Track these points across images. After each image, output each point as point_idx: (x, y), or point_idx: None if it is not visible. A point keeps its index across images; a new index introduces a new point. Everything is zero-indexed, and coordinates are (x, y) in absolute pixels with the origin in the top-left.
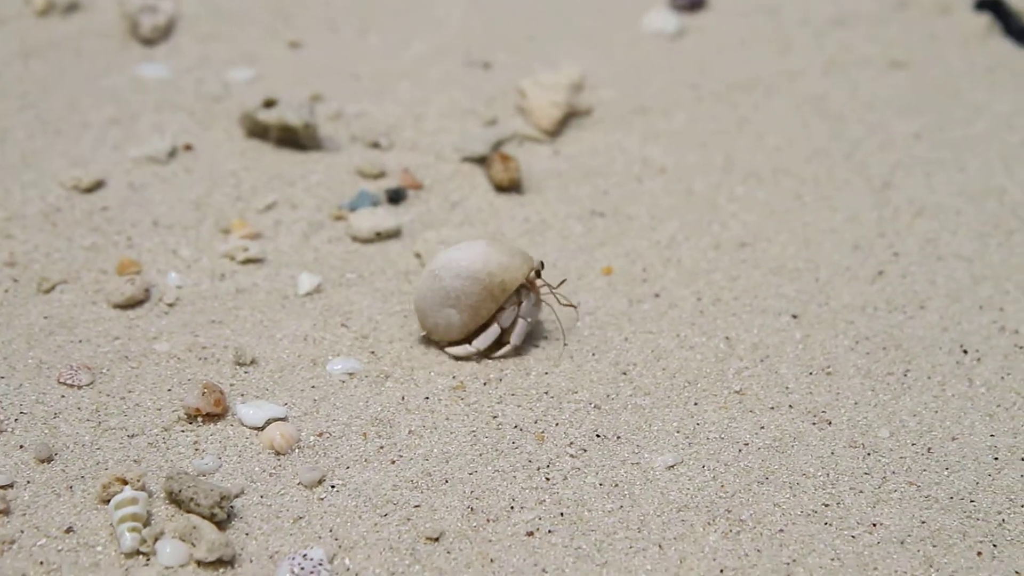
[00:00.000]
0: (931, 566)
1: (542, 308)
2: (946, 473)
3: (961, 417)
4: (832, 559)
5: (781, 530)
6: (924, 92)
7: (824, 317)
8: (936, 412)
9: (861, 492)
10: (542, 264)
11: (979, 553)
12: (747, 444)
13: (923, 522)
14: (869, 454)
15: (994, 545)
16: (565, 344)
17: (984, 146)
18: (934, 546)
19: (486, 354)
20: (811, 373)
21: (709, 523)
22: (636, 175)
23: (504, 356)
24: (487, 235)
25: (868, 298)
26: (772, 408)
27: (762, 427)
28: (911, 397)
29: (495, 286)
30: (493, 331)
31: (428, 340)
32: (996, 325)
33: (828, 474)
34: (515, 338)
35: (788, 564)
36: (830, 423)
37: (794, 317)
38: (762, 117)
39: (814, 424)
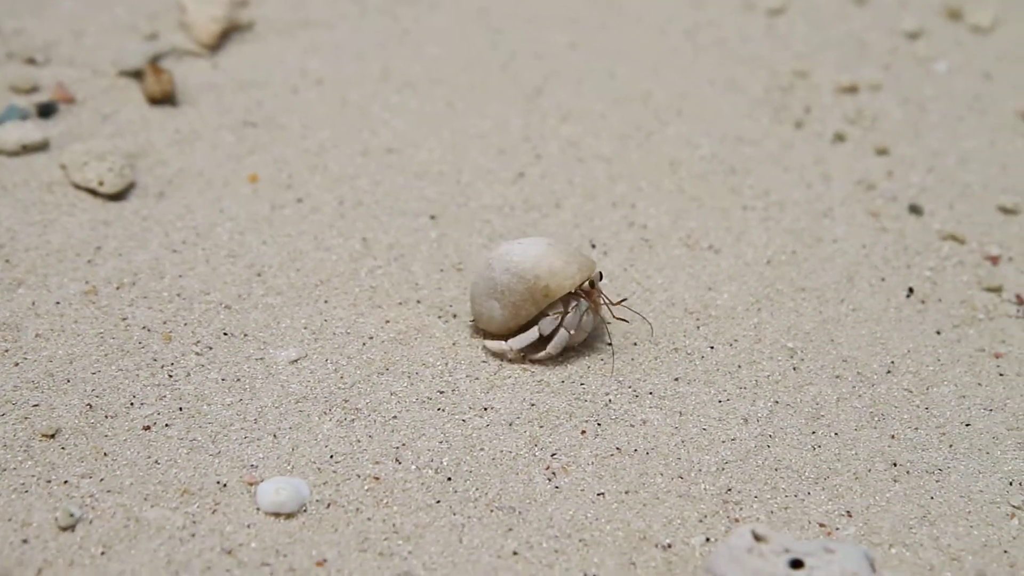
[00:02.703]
0: (536, 445)
1: (596, 321)
2: (560, 359)
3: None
4: (441, 442)
5: (395, 416)
6: (583, 4)
7: (462, 217)
8: None
9: (477, 379)
10: (600, 275)
11: (583, 432)
12: (372, 338)
13: (533, 404)
14: None
15: (599, 424)
16: (203, 249)
17: (636, 53)
18: (541, 426)
19: (525, 355)
20: (442, 270)
21: (325, 412)
22: (293, 86)
23: (540, 361)
24: (551, 235)
25: (507, 198)
26: (400, 303)
27: (388, 321)
28: None
29: (538, 290)
30: (531, 334)
31: (475, 327)
32: (626, 220)
33: (447, 363)
34: (551, 348)
35: (397, 448)
36: (455, 316)
37: (432, 218)
38: (423, 29)
39: (440, 317)
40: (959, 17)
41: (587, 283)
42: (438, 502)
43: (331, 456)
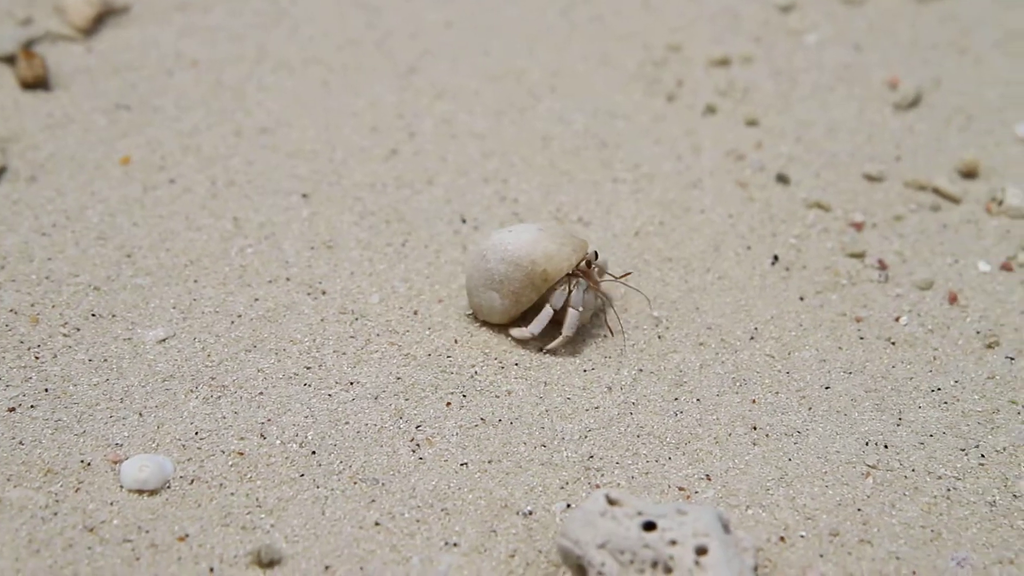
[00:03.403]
0: (401, 417)
1: (596, 299)
2: (428, 332)
3: (451, 281)
4: (306, 416)
5: (261, 393)
6: None
7: (334, 195)
8: (427, 277)
9: (344, 354)
10: (596, 254)
11: (448, 404)
12: (240, 316)
13: (399, 378)
14: (357, 319)
15: (464, 395)
16: (72, 232)
17: (513, 31)
18: (406, 399)
19: (542, 339)
20: (313, 248)
21: (192, 391)
22: (167, 69)
23: (556, 348)
24: (542, 220)
25: (379, 176)
26: (270, 281)
27: (257, 299)
28: (406, 265)
29: (537, 275)
30: (546, 313)
31: (475, 319)
32: (498, 195)
33: (315, 339)
34: (567, 328)
35: (263, 423)
36: (324, 292)
37: (304, 196)
38: (300, 11)
39: (309, 295)
40: None
41: (584, 263)
42: (302, 475)
43: (196, 433)
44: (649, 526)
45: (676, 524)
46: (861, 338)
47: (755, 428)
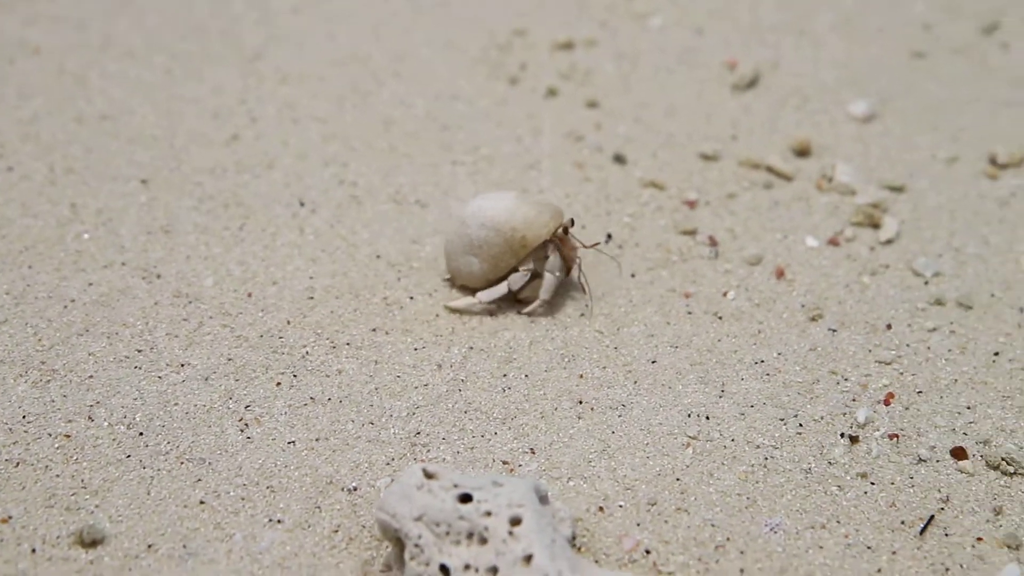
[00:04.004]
0: (230, 397)
1: (574, 264)
2: (261, 314)
3: (286, 263)
4: (135, 399)
5: (91, 376)
6: None
7: (173, 180)
8: (263, 260)
9: (176, 337)
10: (572, 221)
11: (278, 383)
12: (74, 300)
13: (230, 359)
14: (191, 302)
15: (295, 375)
16: None
17: (359, 17)
18: (237, 380)
19: (491, 309)
20: (150, 232)
21: (21, 375)
22: (9, 57)
23: (533, 312)
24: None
25: (219, 160)
26: (105, 267)
27: (91, 284)
28: (242, 248)
29: (516, 240)
30: (500, 288)
31: (451, 283)
32: (336, 179)
33: (148, 323)
34: (543, 292)
35: (91, 406)
36: (159, 276)
37: (143, 182)
38: (147, 2)
39: (143, 279)
40: None
41: (560, 230)
42: (128, 457)
43: (24, 416)
44: (465, 498)
45: (491, 496)
46: (689, 313)
47: (581, 402)
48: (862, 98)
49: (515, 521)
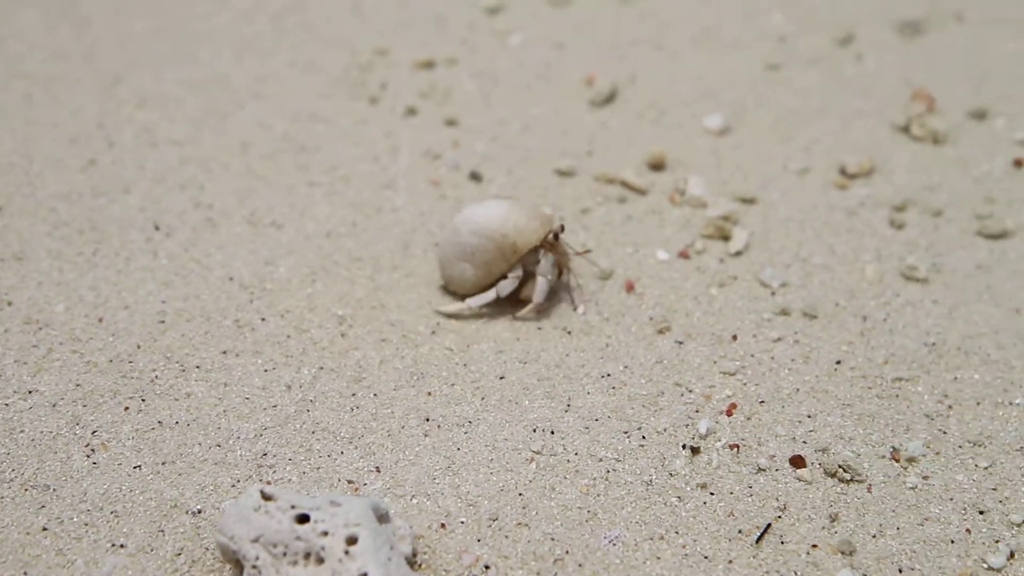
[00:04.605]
0: (77, 423)
1: (565, 269)
2: (111, 339)
3: (139, 287)
4: None
5: None
6: None
7: (27, 207)
8: (115, 285)
9: (25, 364)
10: (562, 227)
11: (127, 408)
12: None
13: (79, 385)
14: (41, 328)
15: (143, 399)
16: None
17: (221, 39)
18: (84, 405)
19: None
20: (2, 260)
21: None
22: None
23: (526, 316)
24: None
25: (75, 186)
26: None
27: None
28: (95, 274)
29: (507, 247)
30: (488, 294)
31: (446, 290)
32: (192, 202)
33: None
34: (537, 296)
35: None
36: (10, 304)
37: None
38: (8, 27)
39: None
40: None
41: (551, 235)
42: None
43: None
44: (302, 519)
45: (329, 516)
46: (539, 328)
47: (428, 420)
48: (717, 111)
49: (351, 540)
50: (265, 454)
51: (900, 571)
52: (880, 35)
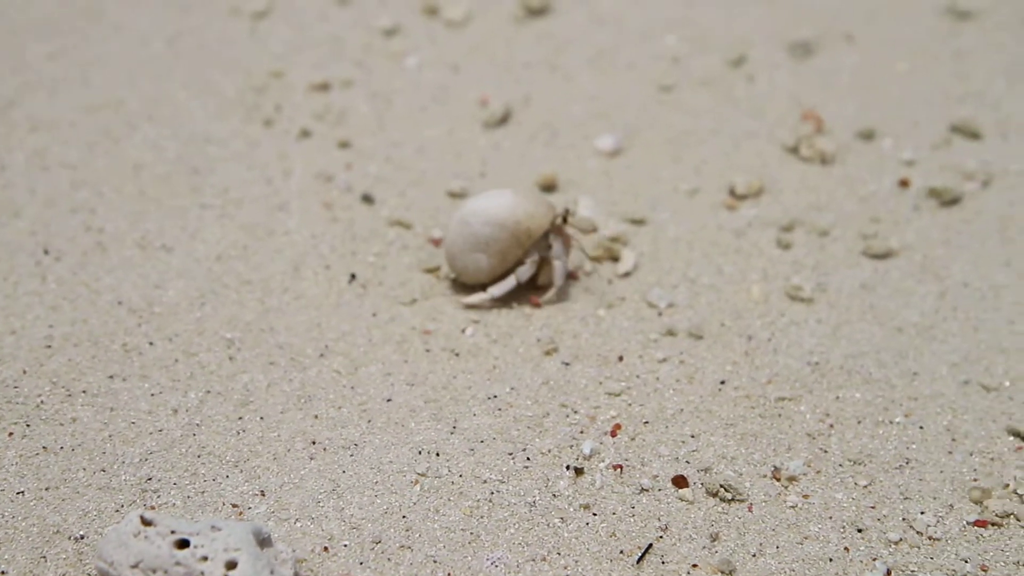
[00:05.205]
0: None
1: (571, 251)
2: (50, 348)
3: (26, 312)
4: None
5: None
6: (64, 13)
7: None
8: (2, 309)
9: None
10: (567, 211)
11: (11, 434)
12: None
13: None
14: None
15: (28, 425)
16: None
17: (115, 61)
18: None
19: (505, 302)
20: None
21: None
22: None
23: (549, 301)
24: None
25: None
26: None
27: None
28: None
29: (521, 232)
30: (509, 282)
31: (457, 283)
32: (84, 225)
33: None
34: (557, 279)
35: None
36: None
37: None
38: None
39: None
40: (435, 13)
41: (559, 219)
42: None
43: None
44: (182, 544)
45: (209, 540)
46: (427, 350)
47: (314, 443)
48: (609, 132)
49: (231, 565)
50: (150, 479)
51: None
52: (772, 56)
